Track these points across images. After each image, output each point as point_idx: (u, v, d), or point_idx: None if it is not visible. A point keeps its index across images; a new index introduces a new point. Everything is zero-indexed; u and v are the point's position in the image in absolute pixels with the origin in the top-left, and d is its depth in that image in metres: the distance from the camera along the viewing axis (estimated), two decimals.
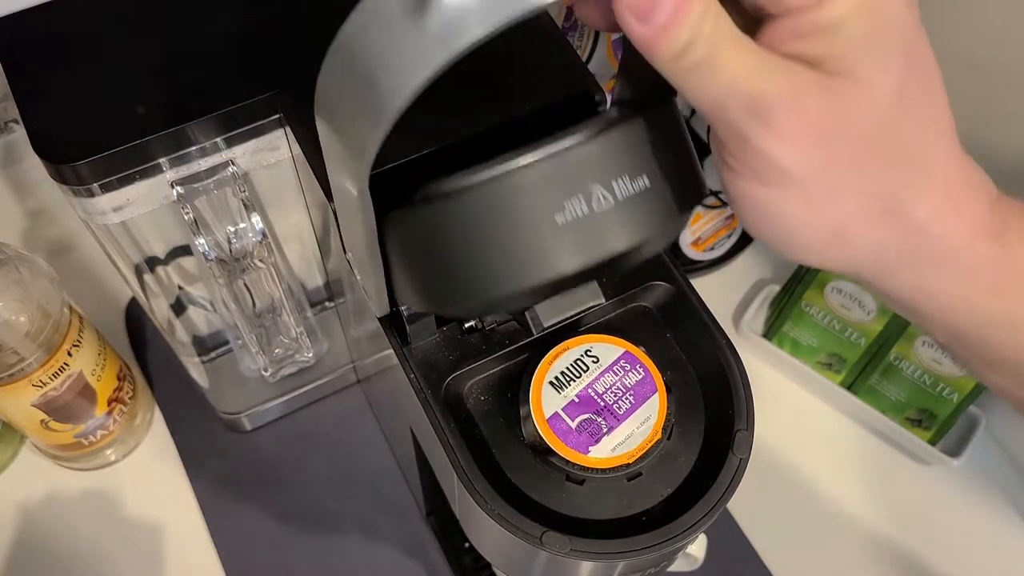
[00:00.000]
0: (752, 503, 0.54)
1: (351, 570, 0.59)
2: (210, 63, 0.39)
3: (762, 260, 0.71)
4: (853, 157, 0.24)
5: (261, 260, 0.43)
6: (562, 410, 0.33)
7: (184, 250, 0.44)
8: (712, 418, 0.35)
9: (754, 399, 0.34)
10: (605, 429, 0.33)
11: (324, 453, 0.62)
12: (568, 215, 0.26)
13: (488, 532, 0.33)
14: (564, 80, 0.38)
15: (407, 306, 0.33)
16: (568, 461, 0.33)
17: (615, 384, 0.34)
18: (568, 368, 0.34)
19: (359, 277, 0.34)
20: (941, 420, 0.62)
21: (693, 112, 0.65)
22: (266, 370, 0.52)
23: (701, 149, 0.66)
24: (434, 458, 0.38)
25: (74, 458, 0.60)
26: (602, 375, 0.34)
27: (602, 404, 0.33)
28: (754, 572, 0.59)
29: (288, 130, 0.39)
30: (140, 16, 0.40)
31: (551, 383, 0.34)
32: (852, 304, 0.64)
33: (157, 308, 0.47)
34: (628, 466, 0.33)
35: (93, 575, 0.58)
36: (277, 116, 0.39)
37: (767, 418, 0.60)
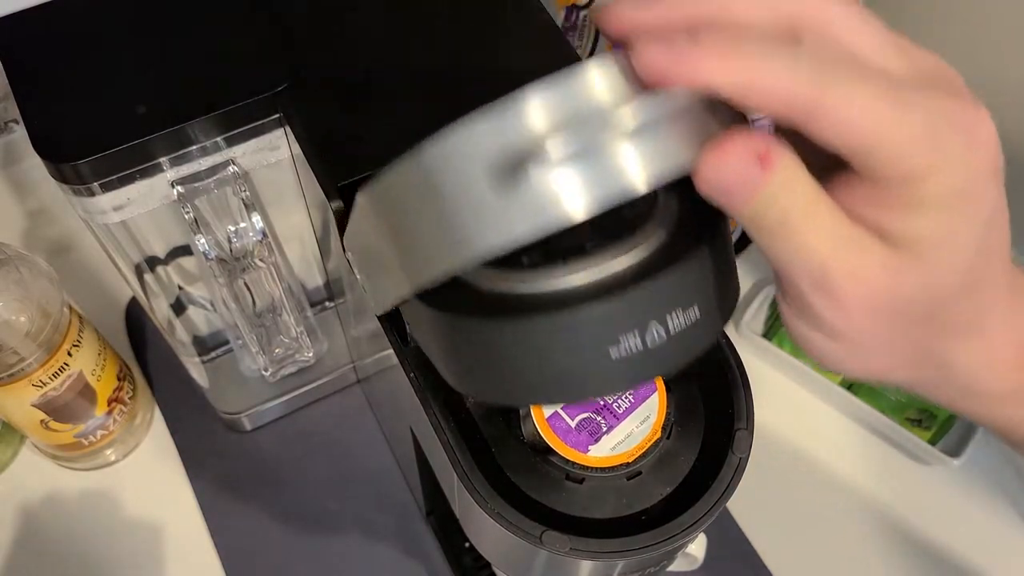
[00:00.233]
0: (752, 503, 0.54)
1: (351, 570, 0.59)
2: (210, 63, 0.39)
3: (762, 260, 0.71)
4: (908, 327, 0.25)
5: (261, 260, 0.43)
6: (561, 409, 0.33)
7: (184, 250, 0.44)
8: (712, 417, 0.35)
9: (754, 399, 0.34)
10: (604, 428, 0.33)
11: (324, 453, 0.62)
12: (623, 350, 0.26)
13: (488, 531, 0.33)
14: None
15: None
16: (567, 460, 0.33)
17: None
18: None
19: (359, 277, 0.34)
20: (941, 420, 0.62)
21: None
22: (266, 370, 0.52)
23: None
24: (434, 458, 0.38)
25: (74, 458, 0.60)
26: None
27: (601, 403, 0.33)
28: (754, 572, 0.59)
29: (288, 130, 0.39)
30: (140, 16, 0.40)
31: None
32: None
33: (157, 308, 0.47)
34: (628, 465, 0.33)
35: (93, 575, 0.58)
36: (277, 116, 0.39)
37: (767, 418, 0.60)
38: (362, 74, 0.38)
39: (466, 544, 0.57)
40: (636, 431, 0.33)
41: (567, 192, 0.22)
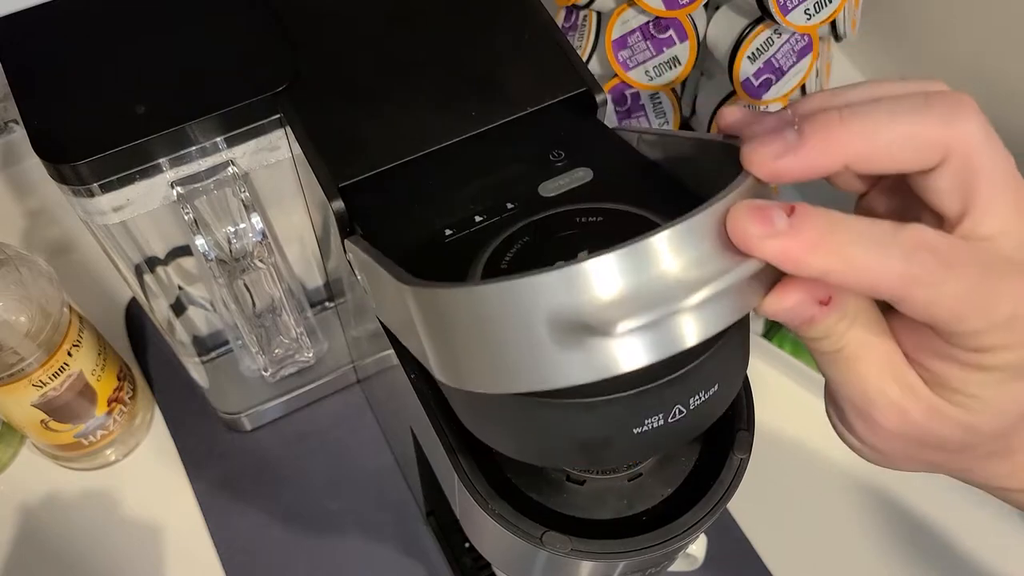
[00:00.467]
0: (752, 503, 0.54)
1: (351, 570, 0.59)
2: (210, 63, 0.39)
3: None
4: (937, 452, 0.27)
5: (261, 260, 0.43)
6: None
7: (184, 250, 0.44)
8: None
9: (754, 399, 0.34)
10: None
11: (324, 453, 0.62)
12: (646, 427, 0.27)
13: (488, 532, 0.33)
14: (564, 80, 0.38)
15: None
16: None
17: None
18: None
19: (359, 277, 0.34)
20: None
21: (693, 112, 0.64)
22: (266, 370, 0.52)
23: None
24: (434, 458, 0.38)
25: (74, 458, 0.60)
26: None
27: None
28: (754, 572, 0.59)
29: (288, 130, 0.39)
30: (140, 16, 0.40)
31: None
32: None
33: (157, 308, 0.47)
34: (628, 466, 0.33)
35: (93, 575, 0.58)
36: (277, 116, 0.39)
37: (767, 418, 0.60)
38: (362, 74, 0.38)
39: (466, 544, 0.57)
40: None
41: (623, 355, 0.22)
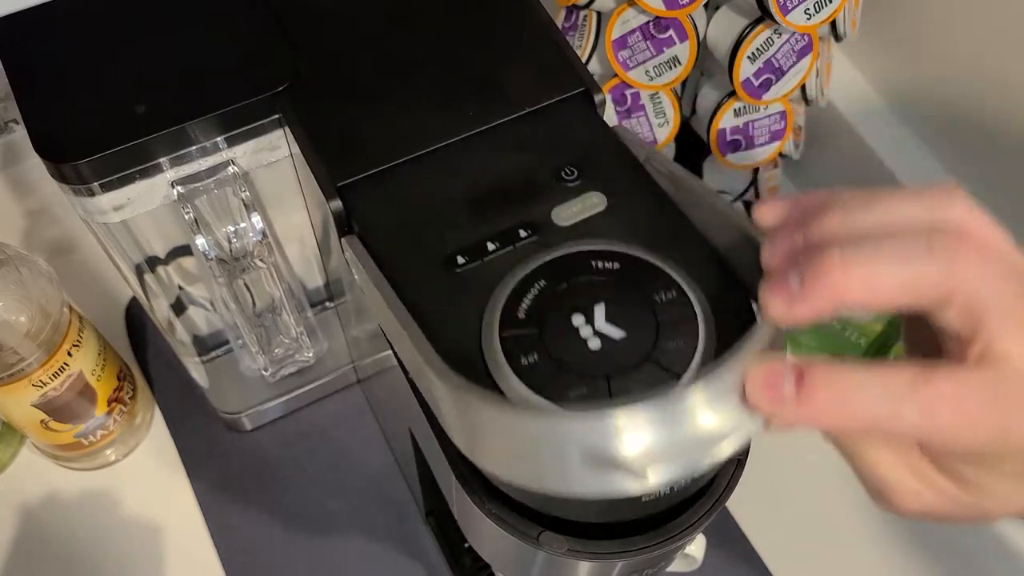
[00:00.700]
0: (752, 503, 0.54)
1: (351, 570, 0.59)
2: (210, 63, 0.39)
3: None
4: (954, 519, 0.29)
5: (261, 260, 0.43)
6: None
7: (184, 250, 0.44)
8: None
9: None
10: None
11: (324, 453, 0.62)
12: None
13: (486, 532, 0.33)
14: (562, 80, 0.38)
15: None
16: None
17: None
18: None
19: (358, 277, 0.34)
20: None
21: (693, 112, 0.64)
22: (266, 370, 0.52)
23: (699, 150, 0.66)
24: (432, 459, 0.38)
25: (74, 458, 0.60)
26: None
27: None
28: (754, 572, 0.59)
29: (288, 130, 0.39)
30: (140, 16, 0.40)
31: None
32: None
33: (157, 308, 0.47)
34: None
35: (93, 575, 0.58)
36: (277, 116, 0.39)
37: None
38: (362, 74, 0.38)
39: (465, 544, 0.57)
40: None
41: (643, 482, 0.25)
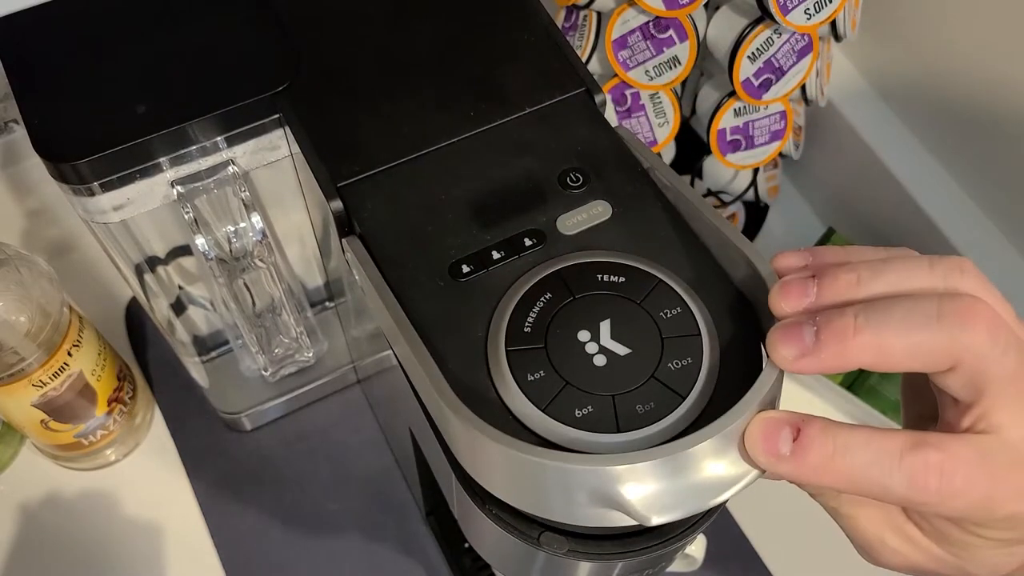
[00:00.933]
0: (752, 503, 0.54)
1: (351, 570, 0.59)
2: (210, 63, 0.39)
3: None
4: (932, 574, 0.30)
5: (261, 260, 0.43)
6: None
7: (184, 250, 0.44)
8: None
9: None
10: None
11: (324, 453, 0.63)
12: None
13: (486, 533, 0.33)
14: (563, 80, 0.38)
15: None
16: None
17: None
18: None
19: (358, 278, 0.34)
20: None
21: (693, 112, 0.64)
22: (266, 370, 0.52)
23: (699, 150, 0.66)
24: (432, 459, 0.38)
25: (74, 458, 0.60)
26: None
27: None
28: (754, 572, 0.59)
29: (288, 130, 0.39)
30: (140, 15, 0.40)
31: None
32: None
33: (157, 308, 0.47)
34: None
35: (93, 575, 0.58)
36: (277, 116, 0.39)
37: None
38: (362, 74, 0.38)
39: (465, 544, 0.57)
40: None
41: (646, 522, 0.26)
